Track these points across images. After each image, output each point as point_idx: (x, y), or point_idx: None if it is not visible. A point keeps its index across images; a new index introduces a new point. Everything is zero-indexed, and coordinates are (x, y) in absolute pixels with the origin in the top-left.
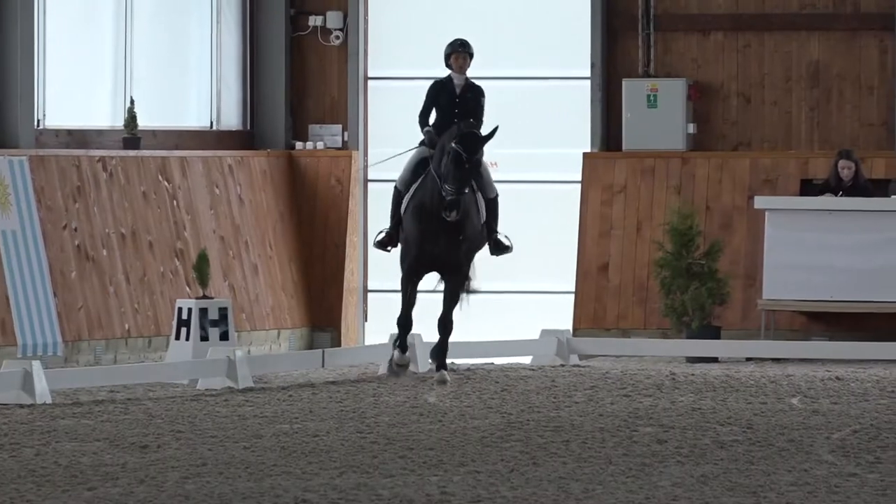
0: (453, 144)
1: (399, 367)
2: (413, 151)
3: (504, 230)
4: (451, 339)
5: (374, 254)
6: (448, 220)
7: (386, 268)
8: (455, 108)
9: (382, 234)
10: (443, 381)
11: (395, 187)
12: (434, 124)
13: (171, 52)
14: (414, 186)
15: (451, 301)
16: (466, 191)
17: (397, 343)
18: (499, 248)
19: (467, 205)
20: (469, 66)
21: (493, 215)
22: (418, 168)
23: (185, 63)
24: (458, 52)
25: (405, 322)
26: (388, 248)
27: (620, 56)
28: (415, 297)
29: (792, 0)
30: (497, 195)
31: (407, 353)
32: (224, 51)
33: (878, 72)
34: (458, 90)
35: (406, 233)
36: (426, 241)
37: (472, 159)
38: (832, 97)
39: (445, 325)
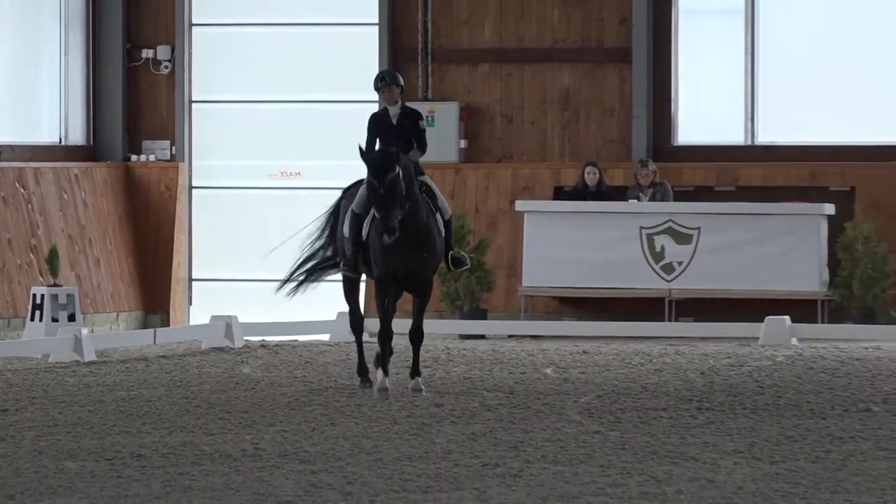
0: (367, 175)
1: (380, 392)
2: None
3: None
4: (265, 319)
5: (198, 248)
6: (411, 235)
7: (208, 261)
8: (395, 138)
9: (345, 263)
10: (417, 389)
11: (352, 211)
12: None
13: (26, 79)
14: (373, 211)
15: (419, 313)
16: (397, 212)
17: (378, 364)
18: (457, 264)
19: (429, 224)
20: (398, 95)
21: (448, 234)
22: None
23: (38, 88)
24: (381, 86)
25: (384, 335)
26: (355, 273)
27: (404, 83)
28: (392, 310)
29: (546, 36)
30: (451, 217)
31: (388, 379)
32: (71, 78)
33: (618, 97)
34: (394, 120)
35: (374, 253)
36: (394, 260)
37: (384, 182)
38: (580, 118)
39: (417, 335)
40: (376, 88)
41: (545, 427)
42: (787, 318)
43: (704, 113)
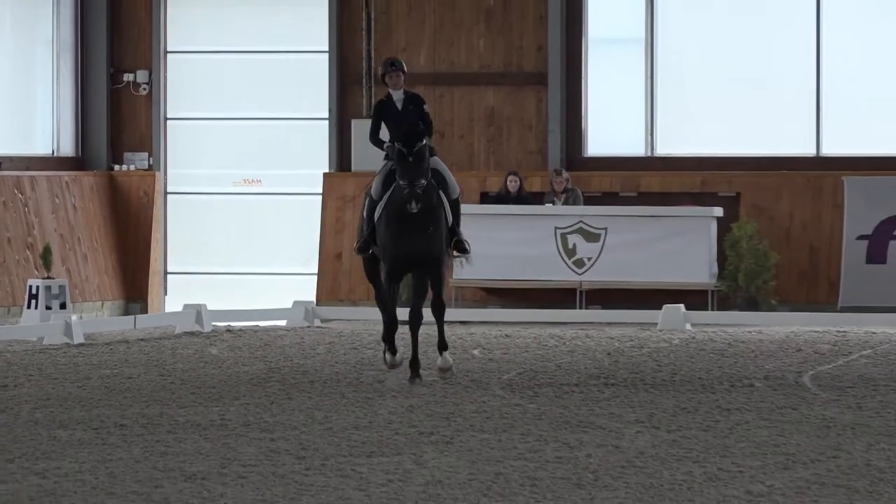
0: (395, 144)
1: (392, 368)
2: (383, 165)
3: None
4: (231, 307)
5: (173, 246)
6: (417, 216)
7: (181, 257)
8: (401, 121)
9: (360, 242)
10: (445, 368)
11: (369, 195)
12: (389, 139)
13: (23, 99)
14: (386, 195)
15: (438, 286)
16: (423, 181)
17: (385, 348)
18: (459, 249)
19: (433, 200)
20: (402, 81)
21: (455, 215)
22: (388, 178)
23: (34, 107)
24: (390, 70)
25: (390, 322)
26: (369, 251)
27: (350, 103)
28: (396, 297)
29: (473, 62)
30: (459, 196)
31: (397, 355)
32: (62, 98)
33: (535, 115)
34: (399, 105)
35: (381, 238)
36: (401, 242)
37: (413, 151)
38: (503, 133)
39: (439, 308)
40: (383, 73)
41: (473, 400)
42: (681, 306)
43: (610, 128)
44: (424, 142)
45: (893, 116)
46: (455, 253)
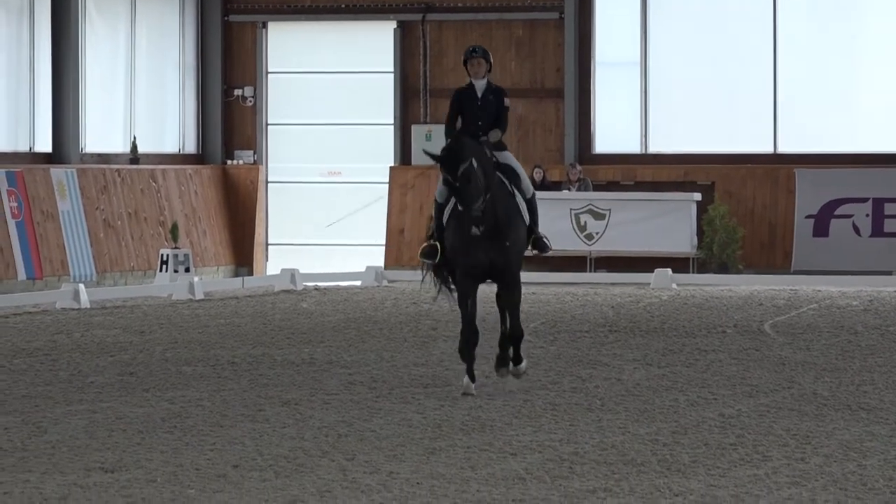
0: (440, 171)
1: (465, 395)
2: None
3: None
4: (318, 271)
5: (273, 222)
6: (495, 229)
7: (280, 231)
8: (479, 112)
9: (427, 247)
10: (517, 374)
11: (436, 199)
12: (461, 130)
13: (157, 109)
14: (452, 200)
15: (514, 311)
16: (479, 203)
17: (466, 368)
18: (538, 248)
19: (510, 210)
20: (485, 70)
21: (533, 214)
22: None
23: (165, 115)
24: (471, 57)
25: (468, 337)
26: (434, 259)
27: (410, 112)
28: (475, 310)
29: (506, 80)
30: (534, 194)
31: (474, 384)
32: (187, 109)
33: (554, 121)
34: (479, 94)
35: (450, 245)
36: (474, 251)
37: (457, 177)
38: (529, 135)
39: (515, 335)
40: (465, 60)
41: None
42: (669, 270)
43: (613, 131)
44: (469, 161)
45: (833, 122)
46: (535, 251)
